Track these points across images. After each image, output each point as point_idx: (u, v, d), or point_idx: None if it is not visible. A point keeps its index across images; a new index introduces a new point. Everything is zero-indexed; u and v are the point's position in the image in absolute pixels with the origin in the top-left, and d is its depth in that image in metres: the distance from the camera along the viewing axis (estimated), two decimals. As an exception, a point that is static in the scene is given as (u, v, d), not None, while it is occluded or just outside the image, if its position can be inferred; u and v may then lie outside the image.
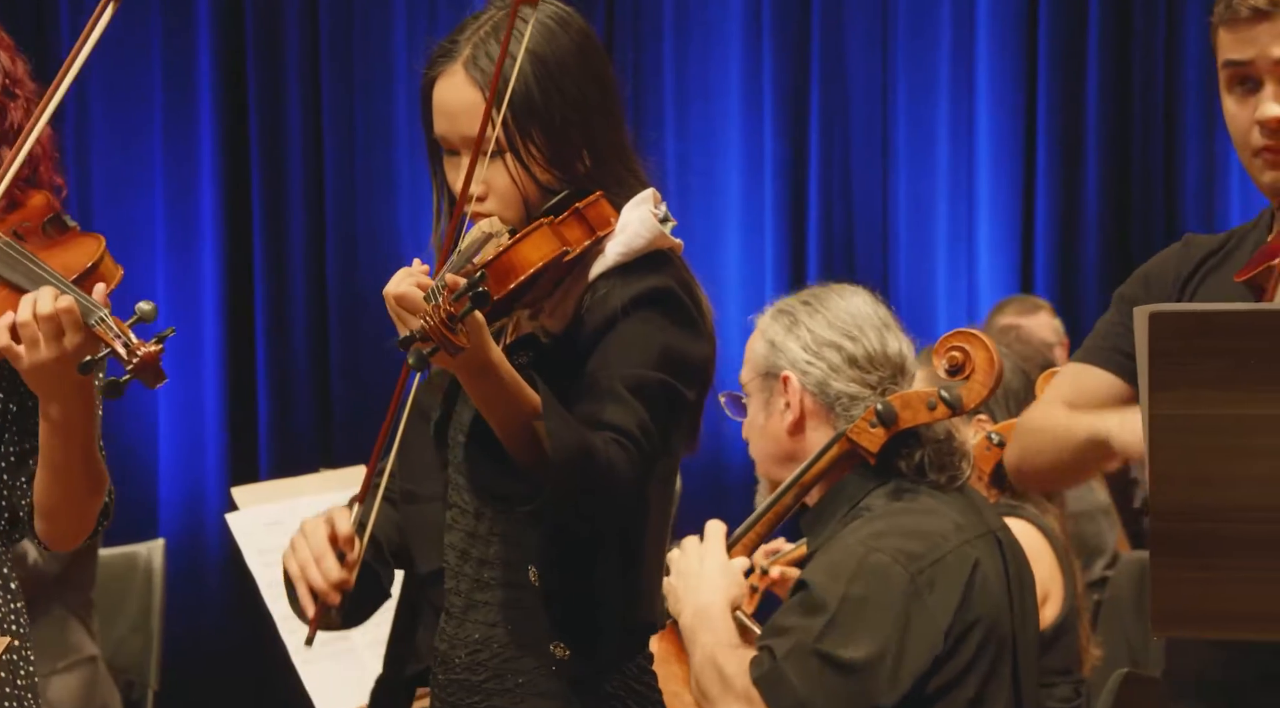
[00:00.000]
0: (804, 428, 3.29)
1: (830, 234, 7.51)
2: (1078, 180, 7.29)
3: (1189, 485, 2.18)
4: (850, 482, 3.27)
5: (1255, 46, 2.65)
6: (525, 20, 2.66)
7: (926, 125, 7.39)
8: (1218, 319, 2.19)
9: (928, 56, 7.38)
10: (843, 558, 3.12)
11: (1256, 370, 2.13)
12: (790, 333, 3.30)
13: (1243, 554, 2.18)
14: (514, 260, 2.55)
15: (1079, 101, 7.27)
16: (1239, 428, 2.15)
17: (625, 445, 2.53)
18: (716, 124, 7.48)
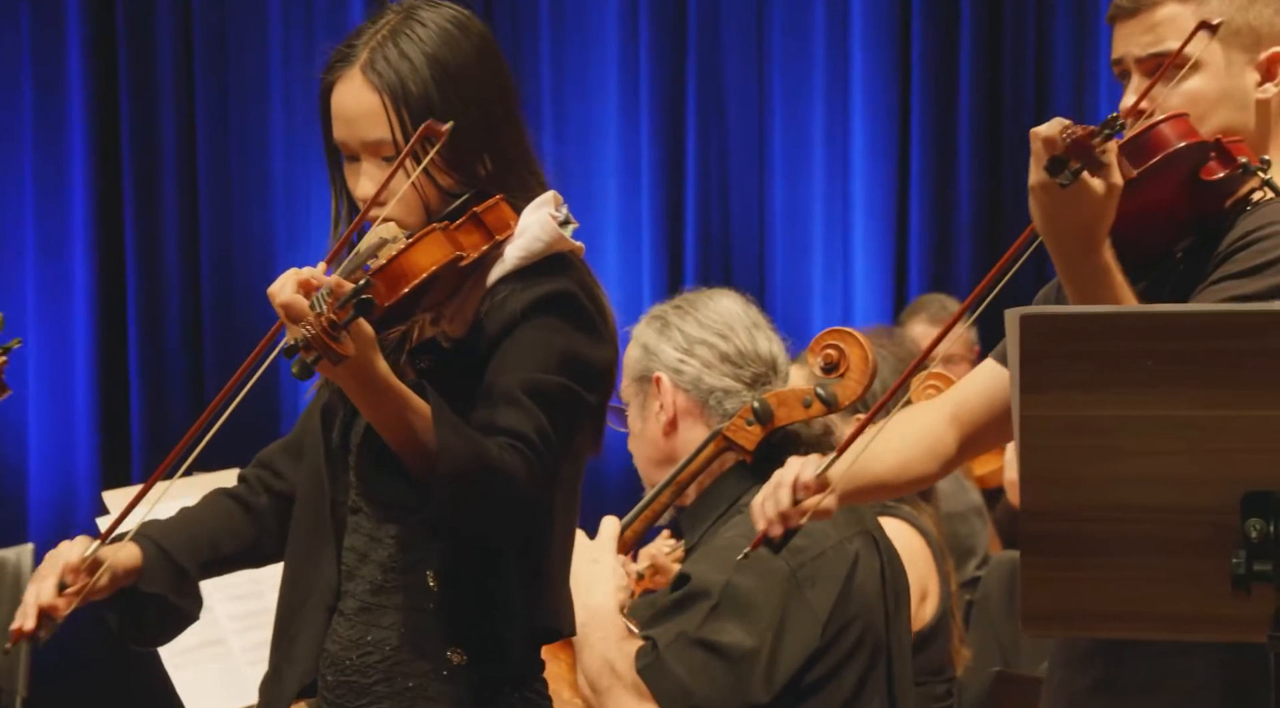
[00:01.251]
0: (678, 427, 3.31)
1: (707, 237, 7.53)
2: (951, 183, 7.36)
3: (1059, 486, 2.20)
4: (728, 481, 3.29)
5: (1123, 41, 2.76)
6: (423, 24, 2.65)
7: (802, 129, 7.43)
8: (1086, 321, 2.22)
9: (803, 60, 7.42)
10: (724, 551, 3.14)
11: (1125, 372, 2.16)
12: (662, 336, 3.32)
13: (1111, 554, 2.20)
14: (405, 266, 2.53)
15: (952, 105, 7.34)
16: (1108, 429, 2.17)
17: (522, 451, 2.52)
18: (593, 127, 7.48)
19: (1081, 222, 2.56)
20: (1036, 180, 2.56)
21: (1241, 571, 2.10)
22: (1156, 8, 2.72)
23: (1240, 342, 2.12)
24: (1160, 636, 2.48)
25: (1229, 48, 2.71)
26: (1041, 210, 2.58)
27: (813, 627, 3.12)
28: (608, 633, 3.12)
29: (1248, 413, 2.12)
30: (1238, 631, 2.19)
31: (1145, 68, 2.73)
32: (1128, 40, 2.75)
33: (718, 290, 3.40)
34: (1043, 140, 2.53)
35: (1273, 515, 2.11)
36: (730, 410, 3.27)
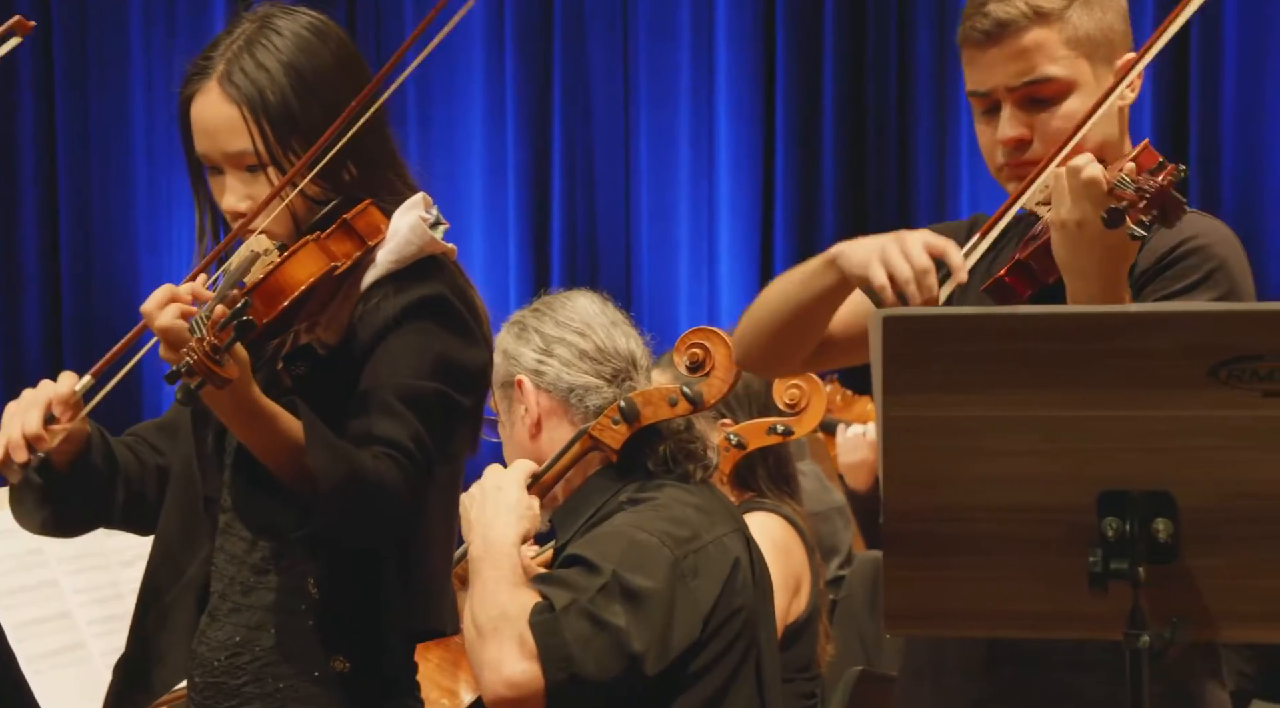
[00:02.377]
0: (544, 428, 3.31)
1: (573, 237, 7.53)
2: (815, 184, 7.40)
3: (921, 486, 2.22)
4: (598, 480, 3.29)
5: (988, 71, 2.71)
6: (279, 32, 2.63)
7: (667, 130, 7.45)
8: (948, 323, 2.24)
9: (668, 61, 7.44)
10: (611, 535, 3.14)
11: (986, 373, 2.18)
12: (520, 340, 3.32)
13: (972, 553, 2.23)
14: (282, 281, 2.51)
15: (816, 105, 7.38)
16: (969, 429, 2.19)
17: (397, 459, 2.52)
18: (458, 128, 7.46)
19: (1116, 262, 2.52)
20: (1075, 216, 2.48)
21: (1098, 569, 2.13)
22: (1021, 34, 2.68)
23: (1098, 343, 2.15)
24: (1019, 634, 2.51)
25: (1094, 63, 2.72)
26: (1071, 247, 2.51)
27: (696, 619, 3.13)
28: (502, 573, 3.08)
29: (1105, 413, 2.15)
30: (1095, 628, 2.22)
31: (1018, 96, 2.70)
32: (993, 69, 2.70)
33: (575, 291, 3.41)
34: (1086, 182, 2.46)
35: (1129, 515, 2.14)
36: (593, 407, 3.28)
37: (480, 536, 3.13)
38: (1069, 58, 2.69)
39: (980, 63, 2.71)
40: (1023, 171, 2.72)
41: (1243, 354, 2.10)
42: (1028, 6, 2.67)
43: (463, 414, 2.65)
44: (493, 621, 3.02)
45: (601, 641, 3.02)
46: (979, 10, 2.70)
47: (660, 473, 3.27)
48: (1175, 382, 2.12)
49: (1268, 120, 6.64)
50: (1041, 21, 2.68)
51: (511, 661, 3.00)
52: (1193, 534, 2.14)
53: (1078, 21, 2.69)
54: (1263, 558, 2.14)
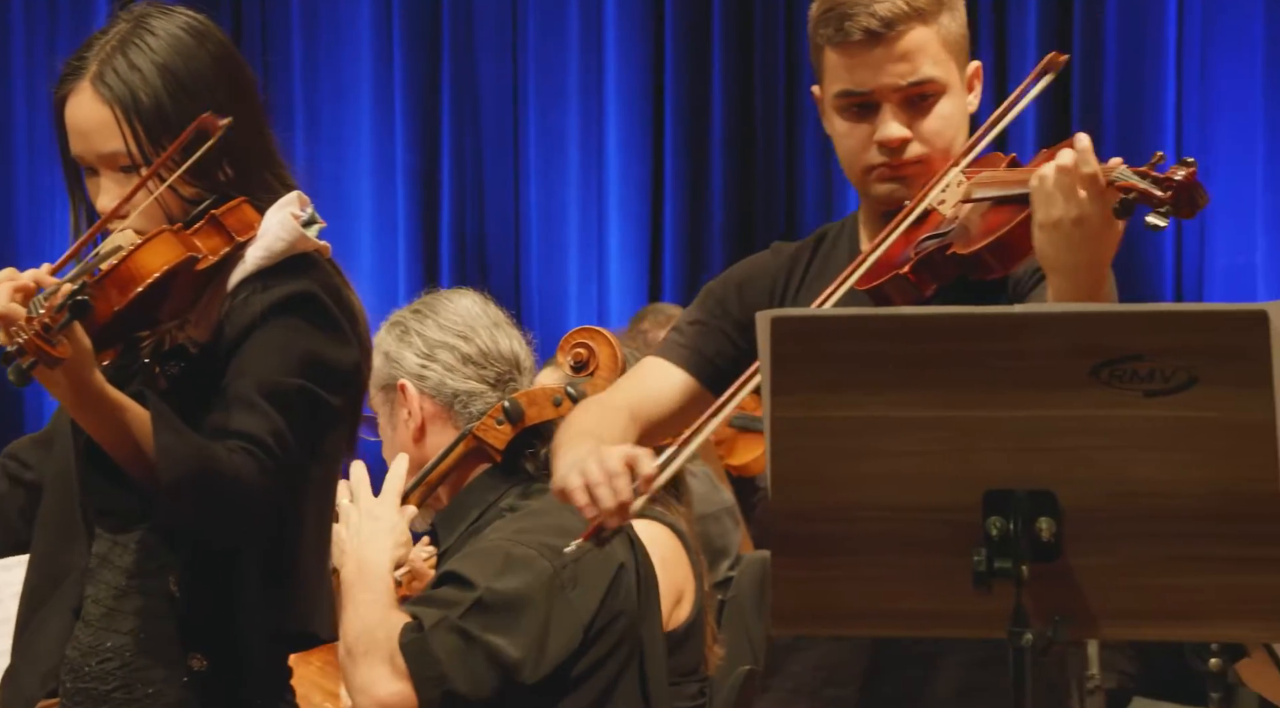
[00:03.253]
0: (427, 433, 3.29)
1: (462, 238, 7.51)
2: (704, 184, 7.43)
3: (809, 486, 2.23)
4: (481, 482, 3.28)
5: (871, 71, 2.70)
6: (153, 33, 2.61)
7: (557, 132, 7.45)
8: (836, 323, 2.25)
9: (557, 64, 7.44)
10: (488, 550, 3.13)
11: (872, 373, 2.19)
12: (402, 342, 3.30)
13: (859, 553, 2.24)
14: (134, 269, 2.49)
15: (705, 106, 7.40)
16: (856, 430, 2.20)
17: (254, 453, 2.50)
18: (346, 128, 7.43)
19: (1108, 253, 2.52)
20: (1073, 213, 2.46)
21: (982, 568, 2.15)
22: (905, 33, 2.68)
23: (982, 344, 2.16)
24: (906, 633, 2.52)
25: (959, 66, 2.75)
26: (1068, 244, 2.49)
27: (575, 629, 3.13)
28: (376, 596, 3.07)
29: (989, 413, 2.17)
30: (979, 627, 2.24)
31: (901, 98, 2.71)
32: (878, 70, 2.70)
33: (456, 291, 3.39)
34: (1087, 177, 2.45)
35: (1012, 514, 2.16)
36: (476, 412, 3.26)
37: (354, 559, 3.12)
38: (945, 59, 2.71)
39: (864, 63, 2.71)
40: (901, 172, 2.73)
41: (1124, 354, 2.12)
42: (910, 7, 2.68)
43: (332, 414, 2.63)
44: (363, 643, 3.02)
45: (473, 656, 3.02)
46: (857, 11, 2.69)
47: (542, 475, 3.27)
48: (1058, 382, 2.14)
49: (1146, 111, 6.72)
50: (921, 20, 2.69)
51: (383, 682, 3.00)
52: (1075, 533, 2.16)
53: (948, 24, 2.72)
54: (1143, 556, 2.17)
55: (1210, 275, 6.61)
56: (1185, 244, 6.67)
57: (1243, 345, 2.09)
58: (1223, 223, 6.58)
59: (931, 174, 2.73)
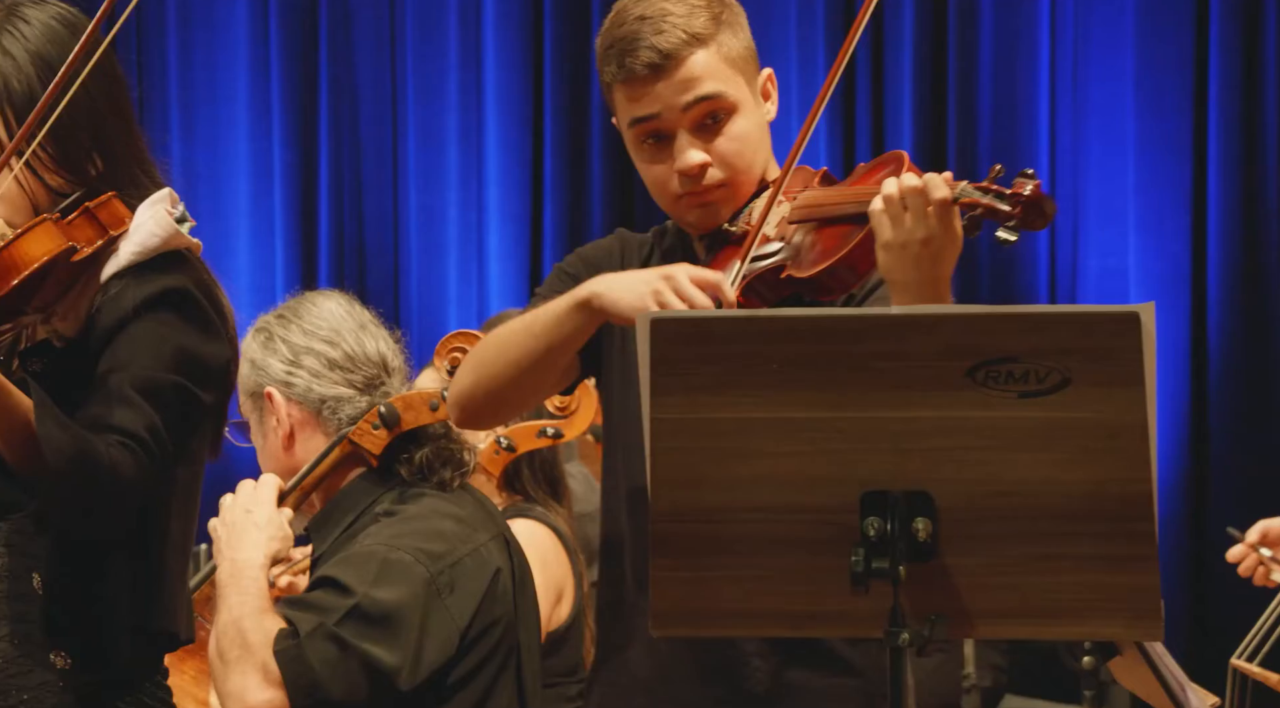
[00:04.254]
0: (296, 439, 3.27)
1: (341, 240, 7.47)
2: (584, 189, 7.42)
3: (687, 488, 2.24)
4: (356, 486, 3.26)
5: (659, 101, 2.73)
6: (27, 21, 2.59)
7: (436, 133, 7.42)
8: (714, 325, 2.26)
9: (436, 64, 7.41)
10: (364, 556, 3.11)
11: (751, 375, 2.20)
12: (267, 349, 3.27)
13: (738, 554, 2.25)
14: (14, 257, 2.47)
15: (584, 112, 7.40)
16: (735, 431, 2.22)
17: (132, 448, 2.49)
18: (223, 128, 7.37)
19: (949, 269, 2.56)
20: (921, 234, 2.49)
21: (860, 569, 2.17)
22: (684, 60, 2.71)
23: (859, 345, 2.18)
24: (784, 633, 2.54)
25: (748, 80, 2.78)
26: (914, 263, 2.52)
27: (451, 636, 3.12)
28: (246, 597, 3.04)
29: (867, 415, 2.18)
30: (857, 627, 2.26)
31: (692, 122, 2.73)
32: (663, 101, 2.73)
33: (321, 293, 3.36)
34: (940, 200, 2.48)
35: (889, 514, 2.18)
36: (345, 417, 3.24)
37: (228, 558, 3.09)
38: (730, 76, 2.74)
39: (649, 96, 2.73)
40: (707, 199, 2.77)
41: (999, 356, 2.15)
42: (684, 33, 2.71)
43: (202, 410, 2.63)
44: (236, 649, 2.99)
45: (348, 663, 3.00)
46: (634, 43, 2.71)
47: (417, 479, 3.25)
48: (934, 383, 2.16)
49: (1020, 117, 6.79)
50: (699, 44, 2.72)
51: (255, 689, 2.98)
52: (951, 533, 2.19)
53: (729, 42, 2.75)
54: (1017, 556, 2.19)
55: (1083, 278, 6.69)
56: (1059, 247, 6.75)
57: (1115, 347, 2.12)
58: (1095, 226, 6.66)
59: (738, 195, 2.76)
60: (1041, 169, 6.72)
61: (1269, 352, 6.46)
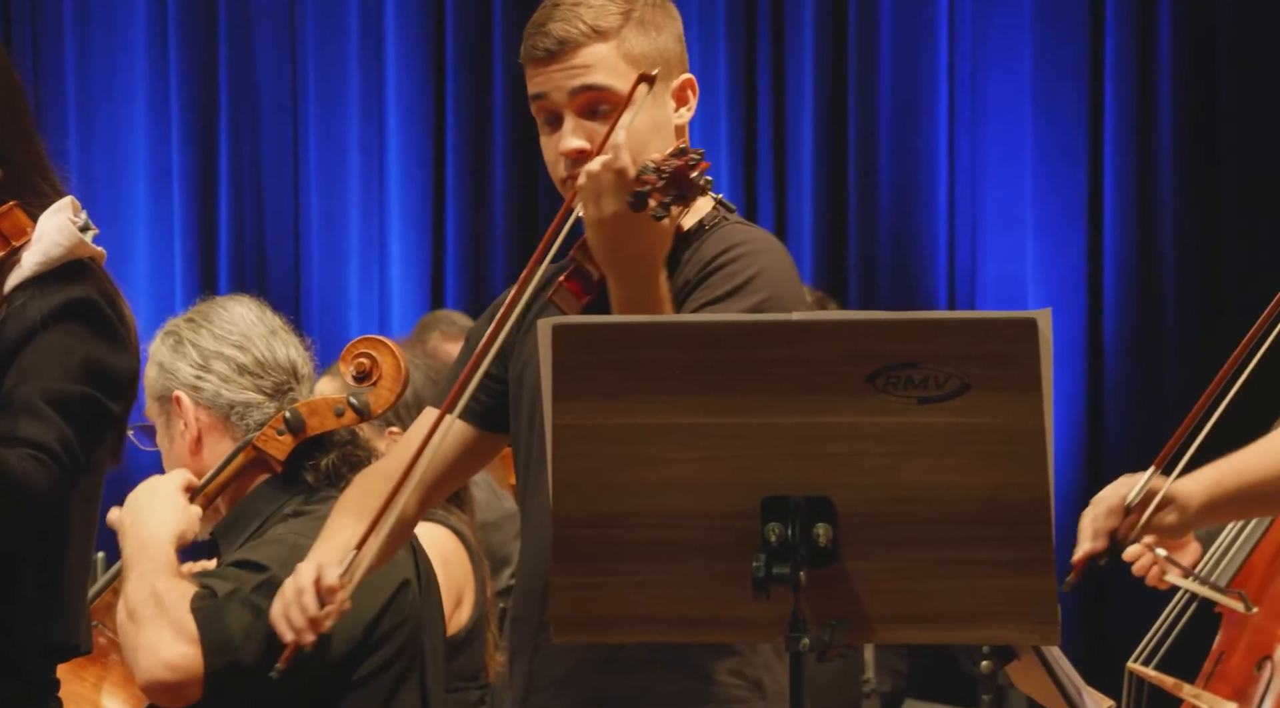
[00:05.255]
0: (204, 444, 3.25)
1: (242, 246, 7.42)
2: (486, 194, 7.41)
3: (589, 494, 2.24)
4: (261, 492, 3.25)
5: (550, 84, 2.80)
6: None
7: (337, 137, 7.39)
8: (616, 331, 2.26)
9: (337, 67, 7.38)
10: (274, 541, 3.11)
11: (652, 381, 2.21)
12: (176, 353, 3.25)
13: (639, 560, 2.25)
14: None
15: (487, 116, 7.39)
16: (636, 437, 2.22)
17: (43, 461, 2.47)
18: (121, 131, 7.30)
19: (651, 250, 2.64)
20: (609, 211, 2.60)
21: (760, 574, 2.17)
22: (579, 49, 2.78)
23: (760, 351, 2.19)
24: (685, 639, 2.54)
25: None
26: (610, 240, 2.63)
27: (357, 625, 3.11)
28: (158, 564, 3.01)
29: (768, 420, 2.19)
30: (758, 632, 2.27)
31: (578, 107, 2.79)
32: (553, 85, 2.80)
33: (231, 298, 3.34)
34: (615, 172, 2.60)
35: (790, 520, 2.19)
36: (254, 423, 3.23)
37: (134, 537, 3.07)
38: (627, 73, 2.78)
39: (543, 78, 2.81)
40: None
41: (899, 362, 2.16)
42: (586, 24, 2.78)
43: (109, 421, 2.61)
44: (148, 606, 2.96)
45: (261, 632, 2.98)
46: (540, 29, 2.80)
47: (322, 485, 3.24)
48: (835, 389, 2.17)
49: (920, 125, 6.84)
50: (599, 38, 2.78)
51: (169, 643, 2.95)
52: (851, 538, 2.20)
53: (633, 40, 2.79)
54: (916, 560, 2.21)
55: (982, 284, 6.74)
56: (958, 254, 6.80)
57: (1013, 353, 2.14)
58: (993, 233, 6.72)
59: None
60: (940, 177, 6.78)
61: (1164, 358, 6.54)
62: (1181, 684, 4.10)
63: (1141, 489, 2.67)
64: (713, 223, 2.78)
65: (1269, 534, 4.19)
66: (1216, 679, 4.14)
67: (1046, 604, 2.20)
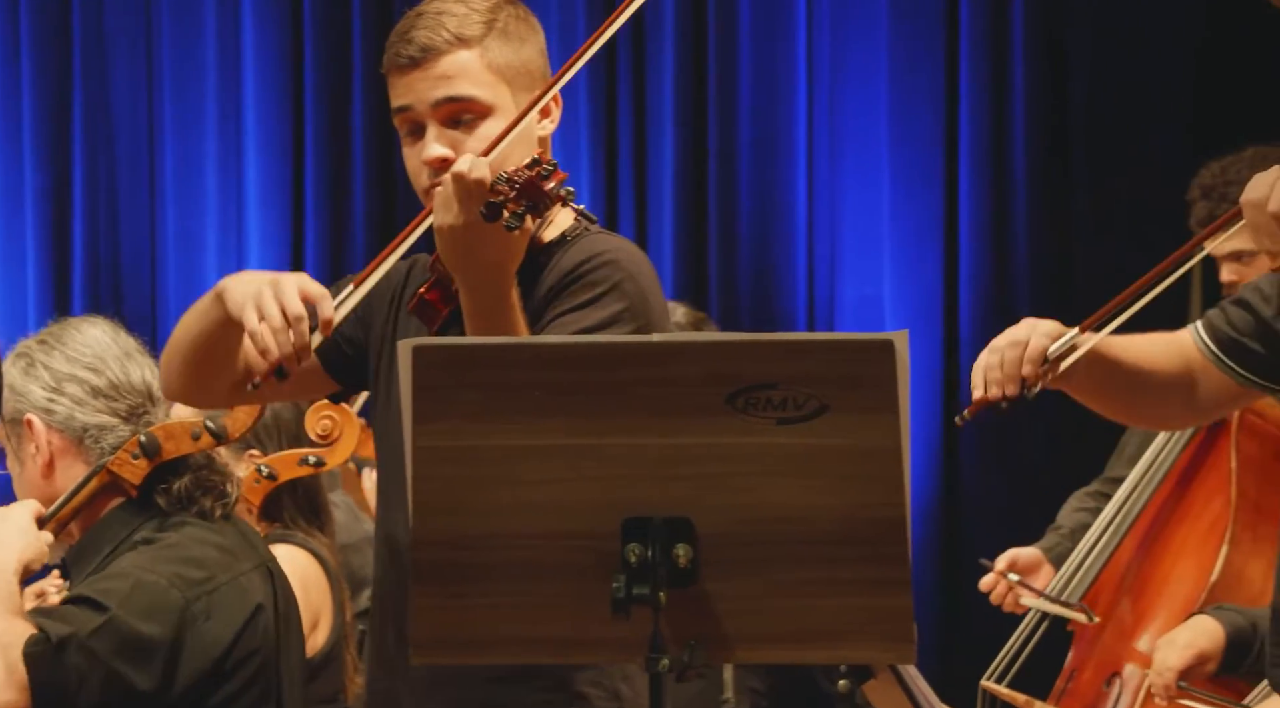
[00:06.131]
0: (56, 468, 3.21)
1: (97, 266, 7.33)
2: (346, 214, 7.37)
3: (450, 515, 2.24)
4: (114, 516, 3.21)
5: (413, 93, 2.82)
6: None
7: (194, 155, 7.32)
8: (476, 352, 2.26)
9: (194, 85, 7.31)
10: (118, 576, 3.07)
11: (513, 402, 2.21)
12: (28, 375, 3.21)
13: (500, 581, 2.25)
14: None
15: (345, 136, 7.35)
16: (497, 458, 2.22)
17: None
18: (-31, 150, 7.21)
19: (502, 259, 2.65)
20: (462, 219, 2.61)
21: (621, 595, 2.18)
22: (442, 57, 2.80)
23: (621, 372, 2.20)
24: (547, 660, 2.55)
25: (515, 90, 2.85)
26: (462, 250, 2.64)
27: (205, 661, 3.08)
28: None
29: (628, 441, 2.20)
30: (618, 652, 2.27)
31: (441, 117, 2.81)
32: (417, 93, 2.82)
33: (85, 319, 3.31)
34: (473, 182, 2.60)
35: (650, 541, 2.20)
36: (108, 446, 3.19)
37: None
38: (490, 82, 2.81)
39: (406, 86, 2.82)
40: None
41: (758, 383, 2.18)
42: (449, 33, 2.80)
43: None
44: None
45: (97, 678, 2.95)
46: (404, 37, 2.82)
47: (177, 509, 3.21)
48: (695, 410, 2.19)
49: (780, 149, 6.89)
50: (463, 45, 2.81)
51: None
52: (711, 559, 2.21)
53: (497, 50, 2.83)
54: (775, 581, 2.22)
55: (840, 307, 6.80)
56: (817, 276, 6.85)
57: (870, 374, 2.17)
58: (851, 256, 6.78)
59: None
60: (799, 200, 6.83)
61: (1019, 379, 6.61)
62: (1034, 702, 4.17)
63: (1067, 342, 2.74)
64: (574, 234, 2.81)
65: (1117, 553, 4.27)
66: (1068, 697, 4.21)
67: (903, 623, 2.22)
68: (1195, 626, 3.86)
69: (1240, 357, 2.70)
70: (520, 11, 2.89)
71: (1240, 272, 4.62)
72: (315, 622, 4.07)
